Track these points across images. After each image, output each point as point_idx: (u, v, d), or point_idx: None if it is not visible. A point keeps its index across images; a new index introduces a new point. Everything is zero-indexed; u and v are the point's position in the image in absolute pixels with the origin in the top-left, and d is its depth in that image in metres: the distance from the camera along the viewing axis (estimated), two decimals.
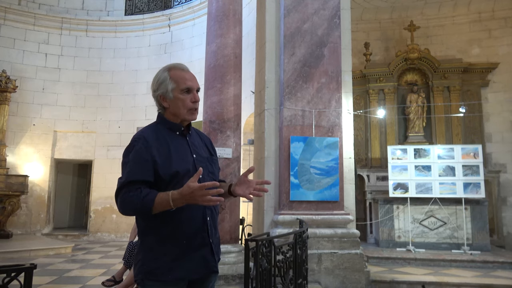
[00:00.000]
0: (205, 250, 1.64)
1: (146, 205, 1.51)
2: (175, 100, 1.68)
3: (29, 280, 1.58)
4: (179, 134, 1.72)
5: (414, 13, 8.70)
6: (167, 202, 1.50)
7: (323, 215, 4.62)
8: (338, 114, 4.87)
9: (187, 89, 1.68)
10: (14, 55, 9.87)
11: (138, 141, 1.62)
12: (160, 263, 1.57)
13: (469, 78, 8.24)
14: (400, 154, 7.10)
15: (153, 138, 1.63)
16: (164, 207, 1.51)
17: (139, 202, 1.52)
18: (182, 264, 1.58)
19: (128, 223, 9.34)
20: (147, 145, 1.60)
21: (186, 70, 1.74)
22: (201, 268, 1.63)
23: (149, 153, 1.59)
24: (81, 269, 6.01)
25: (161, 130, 1.69)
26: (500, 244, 7.51)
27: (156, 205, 1.51)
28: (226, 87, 4.53)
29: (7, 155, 9.10)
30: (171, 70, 1.72)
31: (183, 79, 1.69)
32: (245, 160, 7.96)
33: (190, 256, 1.60)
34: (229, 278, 4.05)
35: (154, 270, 1.58)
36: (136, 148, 1.61)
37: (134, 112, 10.18)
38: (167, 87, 1.68)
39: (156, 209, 1.52)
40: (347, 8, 5.32)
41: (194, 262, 1.61)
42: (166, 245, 1.58)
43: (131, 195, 1.53)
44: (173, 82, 1.68)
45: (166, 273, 1.57)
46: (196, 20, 9.86)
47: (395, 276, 5.25)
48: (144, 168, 1.57)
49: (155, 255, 1.59)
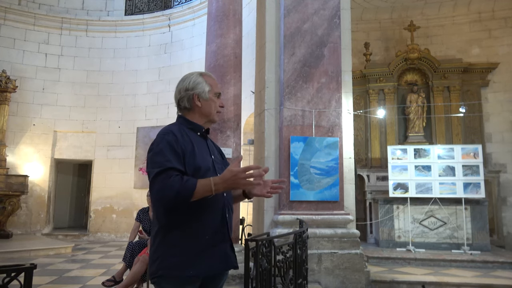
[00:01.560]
0: (226, 246, 1.71)
1: (188, 189, 1.54)
2: (210, 101, 1.82)
3: (29, 280, 1.58)
4: (199, 135, 1.80)
5: (414, 13, 8.70)
6: (209, 187, 1.56)
7: (323, 215, 4.62)
8: (338, 114, 4.87)
9: (218, 94, 1.86)
10: (14, 55, 9.88)
11: (168, 134, 1.68)
12: (183, 258, 1.60)
13: (469, 78, 8.24)
14: (400, 154, 7.10)
15: (180, 134, 1.71)
16: (205, 192, 1.56)
17: (181, 186, 1.54)
18: (203, 259, 1.62)
19: (128, 223, 9.34)
20: (176, 138, 1.67)
21: (214, 78, 1.92)
22: (222, 264, 1.69)
23: (179, 145, 1.65)
24: (81, 269, 6.01)
25: (184, 129, 1.77)
26: (500, 244, 7.51)
27: (198, 189, 1.55)
28: (226, 87, 4.54)
29: (7, 155, 9.10)
30: (203, 75, 1.86)
31: (215, 84, 1.87)
32: (245, 160, 7.96)
33: (212, 251, 1.65)
34: (229, 278, 4.05)
35: (173, 265, 1.60)
36: (168, 139, 1.66)
37: (134, 112, 10.18)
38: (204, 89, 1.81)
39: (197, 194, 1.56)
40: (347, 8, 5.32)
41: (215, 258, 1.66)
42: (188, 241, 1.62)
43: (172, 180, 1.55)
44: (208, 85, 1.83)
45: (188, 268, 1.60)
46: (196, 20, 9.86)
47: (395, 276, 5.25)
48: (177, 157, 1.63)
49: (178, 250, 1.61)
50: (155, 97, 10.12)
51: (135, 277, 4.07)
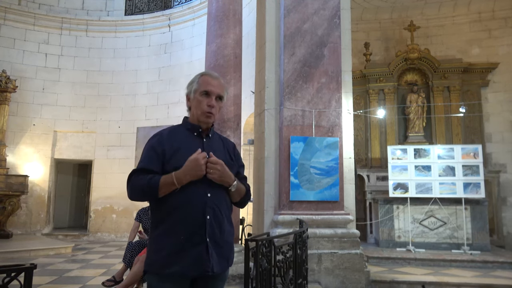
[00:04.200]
0: (201, 248, 1.64)
1: (152, 186, 1.63)
2: (195, 101, 1.81)
3: (29, 280, 1.58)
4: (196, 135, 1.81)
5: (414, 13, 8.70)
6: (171, 180, 1.63)
7: (323, 215, 4.62)
8: (338, 114, 4.87)
9: (205, 92, 1.79)
10: (14, 55, 9.87)
11: (155, 137, 1.79)
12: (159, 257, 1.64)
13: (469, 78, 8.24)
14: (400, 154, 7.10)
15: (168, 135, 1.78)
16: (169, 185, 1.64)
17: (145, 184, 1.64)
18: (178, 259, 1.62)
19: (128, 223, 9.34)
20: (161, 140, 1.75)
21: (215, 77, 1.86)
22: (194, 267, 1.63)
23: (160, 147, 1.72)
24: (81, 269, 6.01)
25: (180, 130, 1.83)
26: (500, 244, 7.51)
27: (161, 185, 1.64)
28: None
29: (7, 155, 9.10)
30: (203, 75, 1.86)
31: (206, 83, 1.81)
32: (245, 160, 7.96)
33: (187, 253, 1.62)
34: (229, 278, 4.05)
35: (153, 263, 1.65)
36: (151, 142, 1.77)
37: (134, 112, 10.18)
38: (192, 88, 1.83)
39: (162, 189, 1.64)
40: (347, 8, 5.32)
41: (189, 260, 1.62)
42: (165, 240, 1.65)
43: (139, 179, 1.68)
44: (198, 84, 1.82)
45: (164, 267, 1.62)
46: (196, 20, 9.86)
47: (395, 276, 5.25)
48: (153, 159, 1.71)
49: (156, 248, 1.67)
50: (155, 97, 10.12)
51: (135, 277, 4.07)
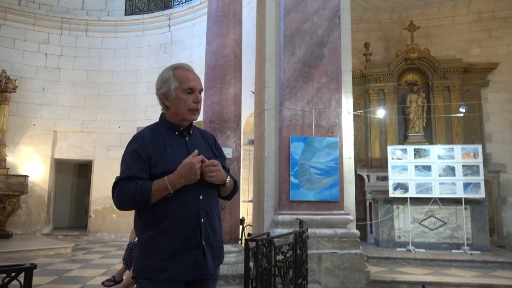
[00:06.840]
0: (197, 253, 1.60)
1: (143, 193, 1.54)
2: (177, 100, 1.70)
3: (29, 280, 1.58)
4: (178, 134, 1.73)
5: (414, 13, 8.70)
6: (164, 185, 1.54)
7: (323, 215, 4.62)
8: (338, 114, 4.87)
9: (189, 89, 1.70)
10: (14, 55, 9.87)
11: (136, 140, 1.66)
12: (152, 262, 1.57)
13: (469, 78, 8.24)
14: (400, 154, 7.10)
15: (151, 138, 1.67)
16: (162, 192, 1.55)
17: (136, 192, 1.54)
18: (173, 264, 1.57)
19: (128, 223, 9.34)
20: (144, 143, 1.64)
21: (190, 70, 1.75)
22: (192, 271, 1.59)
23: (145, 152, 1.62)
24: (81, 269, 6.00)
25: (160, 130, 1.72)
26: (500, 244, 7.51)
27: (154, 192, 1.55)
28: (226, 87, 4.53)
29: (7, 155, 9.10)
30: (175, 69, 1.73)
31: (186, 79, 1.70)
32: (245, 160, 7.96)
33: (182, 257, 1.58)
34: (229, 278, 4.05)
35: (146, 268, 1.58)
36: (133, 146, 1.65)
37: (134, 112, 10.18)
38: (170, 86, 1.70)
39: (154, 196, 1.55)
40: (347, 8, 5.32)
41: (185, 264, 1.58)
42: (158, 244, 1.58)
43: (127, 186, 1.57)
44: (176, 81, 1.69)
45: (158, 272, 1.56)
46: (196, 20, 9.86)
47: (395, 276, 5.25)
48: (139, 165, 1.61)
49: (148, 253, 1.59)
50: (155, 97, 9.90)
51: None
